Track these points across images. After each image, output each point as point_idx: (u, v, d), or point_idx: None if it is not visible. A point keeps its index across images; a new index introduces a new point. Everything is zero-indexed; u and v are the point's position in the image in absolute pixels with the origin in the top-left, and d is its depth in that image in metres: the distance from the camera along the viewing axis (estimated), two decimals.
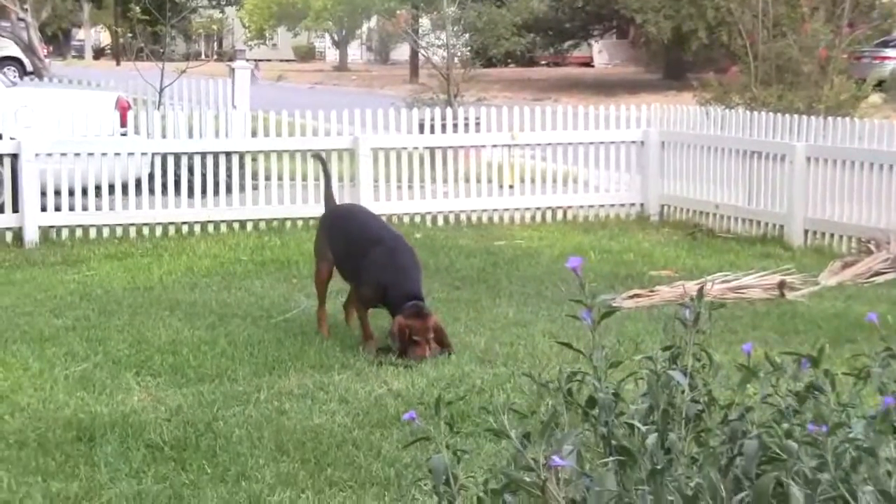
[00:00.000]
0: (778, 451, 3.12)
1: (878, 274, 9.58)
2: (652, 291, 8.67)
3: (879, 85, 22.97)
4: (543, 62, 51.68)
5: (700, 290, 3.55)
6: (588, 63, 51.41)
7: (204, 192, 11.73)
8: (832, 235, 10.95)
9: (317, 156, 9.42)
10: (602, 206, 12.82)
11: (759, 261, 10.19)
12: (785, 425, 3.27)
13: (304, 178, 12.05)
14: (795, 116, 11.67)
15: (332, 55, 64.67)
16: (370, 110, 12.31)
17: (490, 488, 3.14)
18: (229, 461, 5.26)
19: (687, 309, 3.54)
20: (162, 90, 15.55)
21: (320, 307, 7.61)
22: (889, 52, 34.65)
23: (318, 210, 11.63)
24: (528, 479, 2.97)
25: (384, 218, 11.85)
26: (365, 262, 7.13)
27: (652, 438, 3.16)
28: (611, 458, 3.15)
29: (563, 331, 7.40)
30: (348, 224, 7.62)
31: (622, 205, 12.88)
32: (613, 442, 3.34)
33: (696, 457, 3.24)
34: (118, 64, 48.61)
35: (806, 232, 11.16)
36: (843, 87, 14.49)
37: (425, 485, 4.67)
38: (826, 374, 3.54)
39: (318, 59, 69.11)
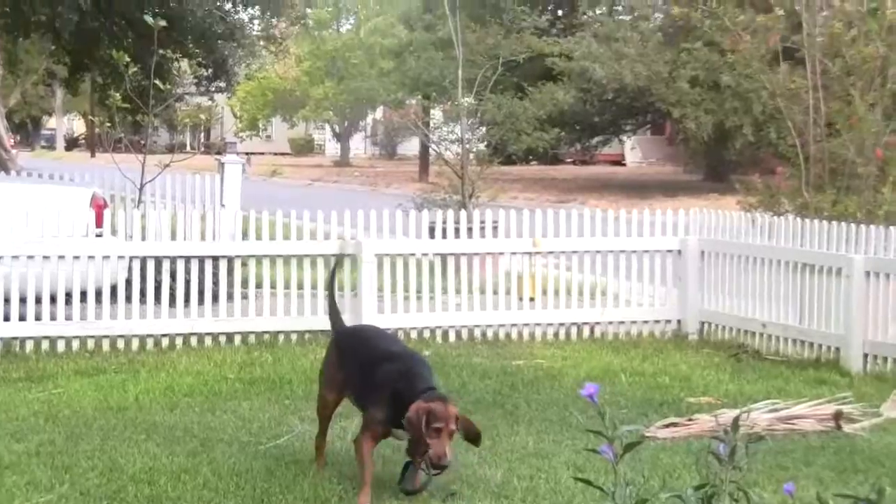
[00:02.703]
0: None
1: None
2: (690, 420, 8.66)
3: None
4: (569, 160, 52.14)
5: (736, 420, 3.57)
6: (619, 161, 51.86)
7: (187, 300, 11.80)
8: (895, 360, 10.95)
9: (338, 261, 9.45)
10: (634, 322, 12.86)
11: (812, 388, 10.18)
12: None
13: (300, 287, 12.12)
14: (853, 225, 11.76)
15: (333, 149, 65.32)
16: (374, 211, 12.42)
17: None
18: None
19: (721, 443, 3.56)
20: (142, 186, 15.71)
21: (320, 436, 7.61)
22: None
23: (315, 323, 11.81)
24: None
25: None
26: (375, 378, 7.08)
27: None
28: None
29: (588, 463, 7.38)
30: (362, 344, 7.56)
31: (657, 321, 12.92)
32: None
33: None
34: (93, 156, 49.15)
35: (865, 356, 11.16)
36: None
37: None
38: None
39: (317, 152, 69.77)
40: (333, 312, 7.98)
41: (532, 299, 12.80)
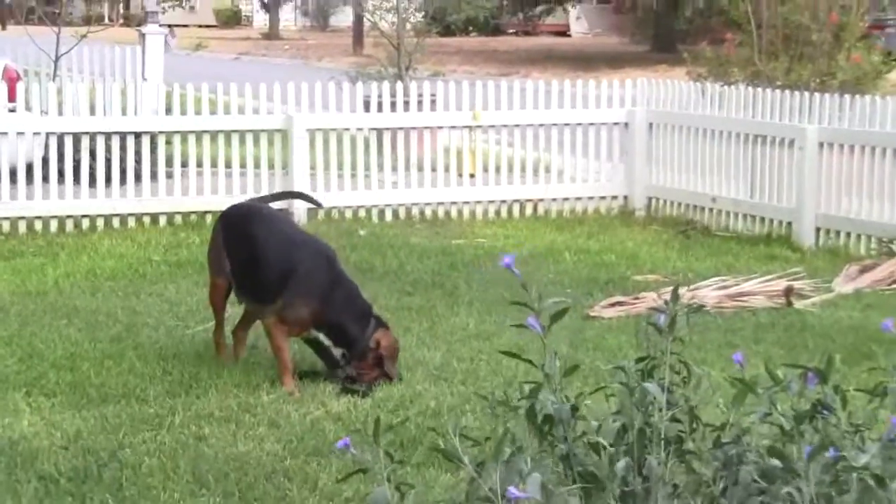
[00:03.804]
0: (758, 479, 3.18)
1: None
2: (637, 299, 8.74)
3: None
4: (511, 31, 51.86)
5: (675, 290, 3.61)
6: (564, 32, 51.62)
7: (108, 179, 11.70)
8: (848, 234, 11.08)
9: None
10: (579, 198, 12.91)
11: (762, 264, 10.30)
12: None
13: (228, 165, 12.04)
14: (806, 94, 11.80)
15: (261, 20, 64.52)
16: (306, 85, 12.32)
17: None
18: (138, 495, 5.28)
19: (661, 314, 3.60)
20: (57, 59, 15.47)
21: (218, 329, 7.41)
22: None
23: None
24: None
25: (321, 213, 11.96)
26: (295, 277, 6.98)
27: (623, 462, 3.22)
28: (574, 486, 3.20)
29: (532, 344, 7.43)
30: (253, 228, 7.31)
31: (602, 197, 12.97)
32: (579, 468, 3.39)
33: (678, 484, 3.30)
34: (4, 28, 48.32)
35: (818, 230, 11.28)
36: (862, 59, 14.65)
37: None
38: (836, 390, 3.61)
39: (244, 24, 68.93)
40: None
41: (472, 175, 12.80)
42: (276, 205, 8.49)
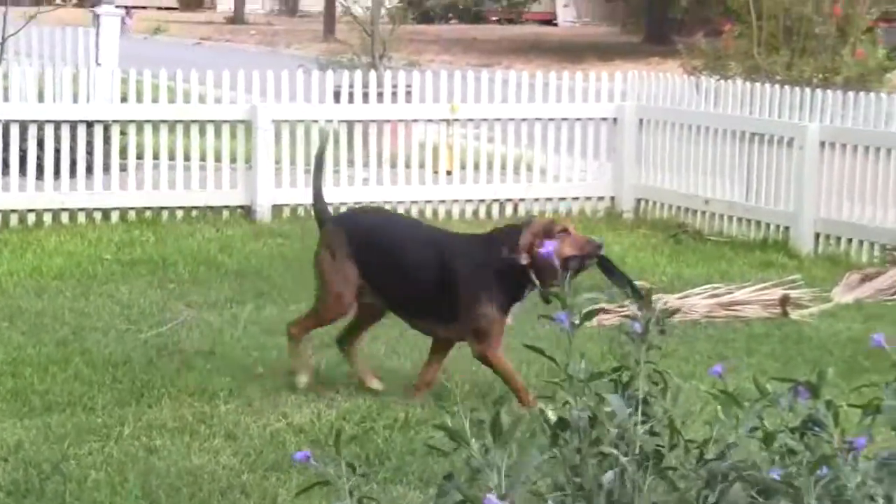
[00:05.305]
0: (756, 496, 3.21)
1: None
2: (622, 307, 8.75)
3: None
4: (494, 19, 51.87)
5: (649, 295, 3.64)
6: (550, 21, 51.66)
7: (57, 172, 11.69)
8: (850, 241, 11.13)
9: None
10: (563, 199, 12.94)
11: (757, 271, 10.34)
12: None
13: (188, 158, 12.04)
14: (807, 90, 11.85)
15: (226, 4, 64.43)
16: (272, 73, 12.33)
17: None
18: None
19: (635, 321, 3.63)
20: (4, 41, 15.43)
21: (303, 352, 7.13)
22: None
23: (204, 198, 11.79)
24: None
25: (287, 210, 11.98)
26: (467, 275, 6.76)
27: (610, 474, 3.25)
28: (557, 494, 3.23)
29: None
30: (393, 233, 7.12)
31: (588, 198, 13.01)
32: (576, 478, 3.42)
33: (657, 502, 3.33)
34: None
35: (817, 235, 11.33)
36: (867, 54, 14.71)
37: None
38: (829, 406, 3.64)
39: (208, 7, 68.80)
40: (319, 199, 7.31)
41: (449, 173, 12.82)
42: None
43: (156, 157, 12.19)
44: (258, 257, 10.39)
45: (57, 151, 11.71)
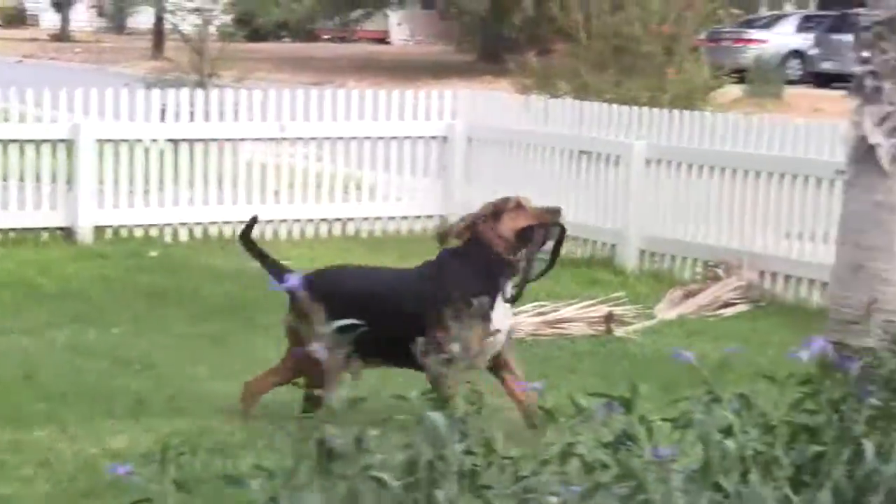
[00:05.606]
0: None
1: (726, 305, 9.94)
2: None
3: (739, 74, 23.84)
4: (326, 37, 51.90)
5: (471, 310, 3.67)
6: (383, 39, 51.84)
7: None
8: (673, 258, 11.28)
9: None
10: (392, 218, 12.96)
11: (584, 288, 10.44)
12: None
13: (5, 178, 11.82)
14: (634, 109, 11.99)
15: (50, 20, 63.48)
16: (95, 91, 12.17)
17: None
18: None
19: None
20: None
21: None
22: (754, 33, 36.05)
23: (22, 219, 11.57)
24: None
25: (110, 231, 11.82)
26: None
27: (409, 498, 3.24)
28: None
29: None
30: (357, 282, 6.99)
31: (418, 217, 13.04)
32: None
33: None
34: None
35: (642, 252, 11.47)
36: (693, 73, 15.01)
37: None
38: (642, 420, 3.70)
39: (31, 24, 67.73)
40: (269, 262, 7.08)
41: (277, 192, 12.76)
42: None
43: None
44: (78, 280, 10.23)
45: None
